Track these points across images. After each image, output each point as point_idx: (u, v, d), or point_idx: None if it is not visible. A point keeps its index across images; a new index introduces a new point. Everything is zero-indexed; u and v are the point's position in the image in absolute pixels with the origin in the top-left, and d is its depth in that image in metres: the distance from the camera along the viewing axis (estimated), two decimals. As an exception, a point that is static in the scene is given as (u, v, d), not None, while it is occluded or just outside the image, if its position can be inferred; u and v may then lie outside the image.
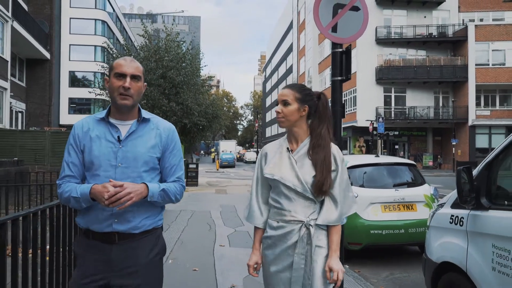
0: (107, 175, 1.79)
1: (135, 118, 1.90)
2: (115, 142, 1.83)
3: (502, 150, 2.76)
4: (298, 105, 1.99)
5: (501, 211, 2.64)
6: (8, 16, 15.13)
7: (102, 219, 1.80)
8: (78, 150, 1.85)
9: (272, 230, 1.99)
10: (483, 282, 2.69)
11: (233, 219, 8.40)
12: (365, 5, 3.78)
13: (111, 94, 1.85)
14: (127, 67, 1.83)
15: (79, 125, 1.90)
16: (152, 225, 1.89)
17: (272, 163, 2.01)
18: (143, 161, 1.85)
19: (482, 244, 2.73)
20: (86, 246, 1.85)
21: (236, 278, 4.28)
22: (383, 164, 5.76)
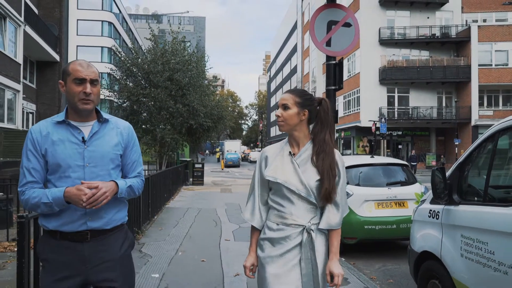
0: (76, 176, 1.82)
1: (94, 119, 1.93)
2: (80, 143, 1.85)
3: (471, 152, 3.18)
4: (297, 109, 2.02)
5: (469, 206, 3.05)
6: (20, 21, 15.67)
7: (75, 219, 1.82)
8: (38, 154, 1.84)
9: (271, 231, 2.00)
10: (453, 266, 3.11)
11: (237, 216, 8.84)
12: (356, 22, 4.20)
13: (71, 100, 1.86)
14: (86, 72, 1.85)
15: (36, 130, 1.87)
16: (120, 221, 1.95)
17: (274, 166, 2.03)
18: (109, 159, 1.90)
19: (453, 235, 3.15)
20: (54, 247, 1.84)
21: (241, 268, 4.72)
22: (378, 164, 6.17)
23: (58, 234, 1.83)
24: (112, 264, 1.87)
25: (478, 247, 2.84)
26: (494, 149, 2.91)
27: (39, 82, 21.54)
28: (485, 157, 3.04)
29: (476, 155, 3.15)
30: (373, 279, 4.70)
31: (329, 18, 4.13)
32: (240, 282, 4.24)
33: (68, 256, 1.82)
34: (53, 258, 1.83)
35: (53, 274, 1.81)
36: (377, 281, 4.67)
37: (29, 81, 20.35)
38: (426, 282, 3.56)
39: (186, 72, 15.35)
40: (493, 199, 2.91)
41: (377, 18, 32.63)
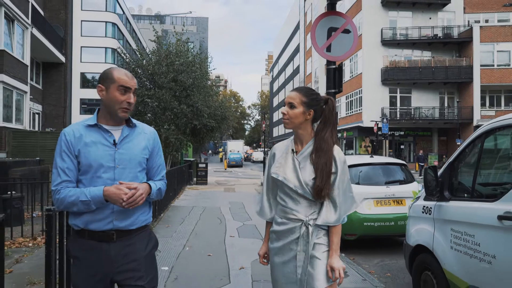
0: (107, 176, 1.90)
1: (123, 124, 2.01)
2: (111, 146, 1.93)
3: (460, 152, 3.41)
4: (303, 108, 2.05)
5: (458, 202, 3.29)
6: (28, 23, 15.97)
7: (102, 218, 1.89)
8: (72, 155, 1.91)
9: (277, 225, 2.11)
10: (444, 258, 3.34)
11: (241, 214, 9.08)
12: (355, 28, 4.43)
13: (111, 106, 1.93)
14: (131, 82, 1.95)
15: (70, 132, 1.94)
16: (144, 222, 2.02)
17: (278, 163, 2.11)
18: (137, 162, 1.98)
19: (444, 229, 3.38)
20: (82, 246, 1.92)
21: (245, 261, 4.98)
22: (377, 163, 6.40)
23: (86, 233, 1.91)
24: (137, 264, 1.94)
25: (466, 239, 3.07)
26: (481, 149, 3.14)
27: (45, 83, 21.85)
28: (473, 157, 3.27)
29: (465, 154, 3.38)
30: (371, 273, 4.93)
31: (329, 25, 4.36)
32: (244, 275, 4.49)
33: (95, 255, 1.89)
34: (82, 256, 1.91)
35: (83, 271, 1.90)
36: (375, 275, 4.90)
37: (35, 82, 20.67)
38: (420, 274, 3.79)
39: (190, 73, 15.59)
40: (480, 195, 3.14)
41: (379, 19, 32.79)
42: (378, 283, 4.32)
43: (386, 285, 4.50)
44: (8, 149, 13.44)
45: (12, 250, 5.53)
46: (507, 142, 3.07)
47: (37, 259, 5.01)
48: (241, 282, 4.22)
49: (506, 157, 3.17)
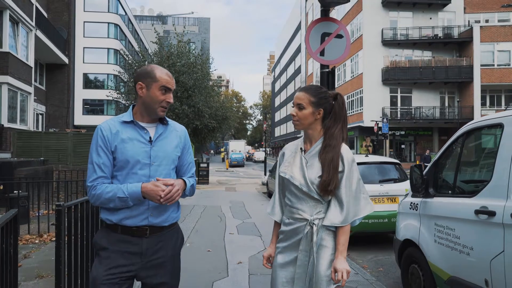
0: (143, 173, 1.91)
1: (157, 121, 2.03)
2: (147, 143, 1.94)
3: (443, 151, 3.61)
4: (312, 109, 2.02)
5: (441, 198, 3.49)
6: (32, 26, 16.22)
7: (137, 214, 1.90)
8: (108, 151, 1.91)
9: (284, 226, 2.08)
10: (428, 251, 3.54)
11: (241, 213, 9.29)
12: (347, 33, 4.63)
13: (151, 104, 1.95)
14: (172, 83, 1.97)
15: (106, 127, 1.94)
16: (175, 219, 2.05)
17: (287, 162, 2.10)
18: (171, 159, 2.01)
19: (428, 223, 3.58)
20: (114, 239, 1.92)
21: (243, 257, 5.20)
22: (372, 163, 6.61)
23: (119, 228, 1.90)
24: (164, 260, 1.96)
25: (447, 233, 3.27)
26: (462, 148, 3.35)
27: (48, 84, 22.13)
28: (455, 155, 3.48)
29: (448, 153, 3.58)
30: (364, 267, 5.13)
31: (322, 30, 4.57)
32: (242, 269, 4.70)
33: (127, 248, 1.89)
34: (112, 248, 1.90)
35: (107, 261, 1.88)
36: (368, 269, 5.11)
37: (39, 83, 20.94)
38: (408, 267, 4.00)
39: (191, 75, 15.81)
40: (461, 191, 3.34)
41: (380, 19, 32.93)
42: (370, 277, 4.52)
43: (378, 278, 4.70)
44: (13, 149, 13.70)
45: (20, 247, 5.74)
46: (484, 142, 3.27)
47: (43, 255, 5.23)
48: (238, 276, 4.43)
49: (483, 156, 3.37)
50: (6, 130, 13.56)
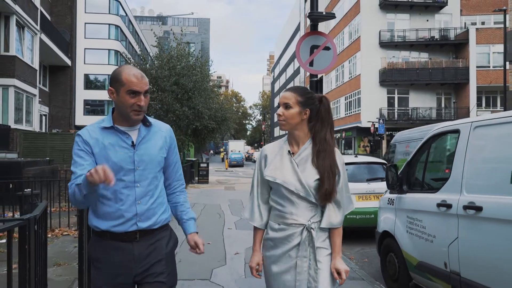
0: (128, 179, 1.87)
1: (139, 123, 1.95)
2: (129, 148, 1.89)
3: (415, 153, 4.10)
4: (299, 108, 1.99)
5: (412, 194, 3.98)
6: (37, 30, 16.71)
7: (126, 220, 1.87)
8: (90, 152, 1.88)
9: (273, 232, 2.01)
10: (402, 241, 4.03)
11: (239, 210, 9.78)
12: (334, 45, 5.12)
13: (123, 109, 1.87)
14: (140, 85, 1.85)
15: (86, 134, 1.90)
16: (166, 221, 2.01)
17: (273, 165, 2.02)
18: (157, 162, 1.96)
19: (402, 216, 4.07)
20: (105, 247, 1.89)
21: (240, 248, 5.70)
22: (360, 163, 7.10)
23: (108, 235, 1.88)
24: (159, 262, 1.93)
25: (416, 224, 3.76)
26: (429, 150, 3.84)
27: (51, 85, 22.61)
28: (424, 157, 3.97)
29: (419, 155, 4.07)
30: (351, 258, 5.62)
31: (312, 43, 5.05)
32: (239, 258, 5.21)
33: (119, 256, 1.87)
34: (105, 258, 1.88)
35: (105, 273, 1.88)
36: (354, 260, 5.59)
37: (42, 85, 21.42)
38: (386, 255, 4.48)
39: (191, 77, 16.29)
40: (427, 188, 3.83)
41: (378, 21, 33.36)
42: (354, 266, 5.01)
43: (362, 268, 5.19)
44: (19, 150, 14.19)
45: None
46: (446, 145, 3.76)
47: (58, 247, 5.71)
48: (235, 264, 4.94)
49: (445, 157, 3.85)
50: (13, 131, 14.04)
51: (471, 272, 2.99)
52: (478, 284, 2.91)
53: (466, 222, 3.04)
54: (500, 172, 2.78)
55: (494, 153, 2.94)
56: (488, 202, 2.82)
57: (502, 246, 2.68)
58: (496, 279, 2.74)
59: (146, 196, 1.91)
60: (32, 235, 2.30)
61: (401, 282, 4.11)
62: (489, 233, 2.82)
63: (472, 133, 3.15)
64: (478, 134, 3.09)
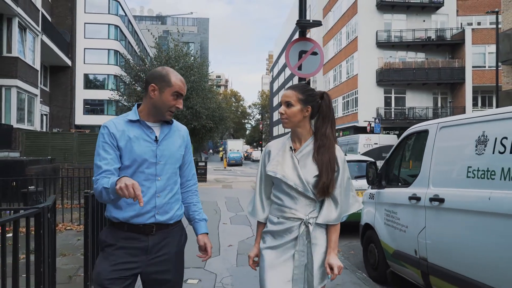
0: (149, 171, 1.93)
1: (161, 121, 2.03)
2: (153, 142, 1.95)
3: (392, 151, 4.45)
4: (301, 106, 2.03)
5: (389, 188, 4.33)
6: (38, 31, 17.05)
7: (145, 212, 1.91)
8: (115, 146, 1.92)
9: (272, 225, 2.06)
10: (380, 232, 4.39)
11: (235, 207, 10.13)
12: (321, 51, 5.46)
13: (161, 107, 1.94)
14: (184, 89, 1.99)
15: (112, 126, 1.95)
16: (180, 217, 2.07)
17: (275, 161, 2.06)
18: (176, 158, 2.04)
19: (381, 209, 4.42)
20: (120, 237, 1.93)
21: (233, 241, 6.06)
22: (350, 161, 7.44)
23: (125, 226, 1.92)
24: (169, 257, 1.97)
25: (392, 216, 4.11)
26: (403, 149, 4.20)
27: (52, 85, 22.94)
28: (399, 155, 4.32)
29: (395, 153, 4.42)
30: (338, 251, 5.97)
31: (300, 48, 5.39)
32: (231, 250, 5.57)
33: (133, 244, 1.91)
34: (118, 245, 1.91)
35: (114, 259, 1.89)
36: (341, 252, 5.95)
37: (43, 85, 21.74)
38: (367, 246, 4.84)
39: (189, 77, 16.63)
40: (402, 183, 4.18)
41: (375, 22, 33.66)
42: (340, 257, 5.36)
43: (348, 259, 5.55)
44: (22, 149, 14.52)
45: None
46: (418, 144, 4.11)
47: (61, 240, 6.05)
48: (228, 255, 5.29)
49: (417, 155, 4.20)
50: (15, 131, 14.38)
51: (436, 257, 3.35)
52: (442, 268, 3.26)
53: (431, 212, 3.39)
54: (459, 168, 3.13)
55: (454, 150, 3.29)
56: (449, 195, 3.18)
57: (461, 233, 3.04)
58: (456, 263, 3.09)
59: (165, 190, 1.97)
60: (46, 222, 2.65)
61: (379, 270, 4.47)
62: (450, 222, 3.17)
63: (438, 133, 3.50)
64: (443, 134, 3.44)
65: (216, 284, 4.17)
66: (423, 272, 3.52)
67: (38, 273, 2.57)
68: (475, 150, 2.95)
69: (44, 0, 19.83)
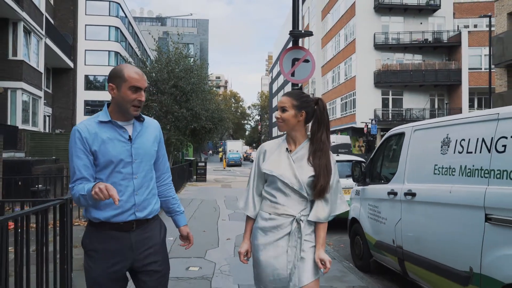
0: (126, 171, 1.96)
1: (133, 118, 2.03)
2: (126, 141, 1.97)
3: (375, 151, 4.89)
4: (295, 111, 2.13)
5: (373, 185, 4.77)
6: (42, 34, 17.48)
7: (125, 210, 1.95)
8: (88, 152, 1.92)
9: (264, 221, 2.14)
10: (364, 225, 4.82)
11: (234, 204, 10.57)
12: (313, 58, 5.90)
13: (123, 104, 1.95)
14: (142, 81, 1.96)
15: (84, 129, 1.94)
16: (157, 211, 2.13)
17: (271, 160, 2.17)
18: (151, 155, 2.07)
19: (365, 204, 4.85)
20: (102, 238, 1.95)
21: (231, 235, 6.50)
22: (341, 161, 7.89)
23: (107, 225, 1.94)
24: (155, 249, 2.04)
25: (374, 210, 4.55)
26: (384, 149, 4.63)
27: (54, 87, 23.34)
28: (381, 154, 4.76)
29: (378, 153, 4.86)
30: (329, 244, 6.40)
31: (293, 56, 5.82)
32: (229, 243, 6.02)
33: (117, 244, 1.95)
34: (102, 248, 1.94)
35: (101, 262, 1.94)
36: (332, 245, 6.39)
37: (46, 87, 22.16)
38: (354, 238, 5.28)
39: (189, 79, 17.04)
40: (383, 180, 4.62)
41: (372, 24, 34.04)
42: (329, 249, 5.79)
43: (338, 251, 5.97)
44: (27, 149, 14.94)
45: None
46: (396, 145, 4.54)
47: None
48: (226, 247, 5.74)
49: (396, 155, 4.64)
50: (21, 132, 14.80)
51: (410, 245, 3.78)
52: (414, 254, 3.69)
53: (406, 205, 3.82)
54: (428, 166, 3.56)
55: (425, 151, 3.72)
56: (419, 189, 3.61)
57: (428, 223, 3.47)
58: (425, 248, 3.52)
59: (143, 187, 2.01)
60: (69, 211, 3.08)
61: (364, 260, 4.91)
62: (420, 213, 3.60)
63: (412, 135, 3.94)
64: (416, 136, 3.88)
65: (215, 271, 4.61)
66: (400, 259, 3.96)
67: (62, 255, 3.00)
68: (441, 150, 3.38)
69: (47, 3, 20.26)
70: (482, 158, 2.86)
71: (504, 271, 2.56)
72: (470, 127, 3.11)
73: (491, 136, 2.81)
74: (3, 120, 14.87)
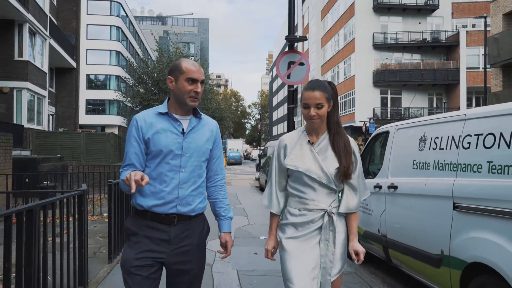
0: (174, 163, 1.98)
1: (191, 114, 2.07)
2: (179, 134, 2.00)
3: (364, 148, 5.27)
4: (327, 104, 2.09)
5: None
6: (47, 35, 17.87)
7: (167, 202, 1.96)
8: (140, 140, 1.99)
9: (294, 217, 2.11)
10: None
11: (233, 201, 10.96)
12: (308, 61, 6.27)
13: (180, 95, 2.00)
14: (198, 73, 2.01)
15: (141, 118, 2.02)
16: (202, 209, 2.09)
17: (293, 154, 2.11)
18: (202, 152, 2.06)
19: (354, 198, 5.23)
20: (143, 226, 1.98)
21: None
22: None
23: (148, 214, 1.97)
24: (191, 248, 2.01)
25: (363, 203, 4.92)
26: (371, 146, 5.01)
27: (58, 87, 23.72)
28: (369, 151, 5.14)
29: (367, 150, 5.24)
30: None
31: (289, 60, 6.20)
32: (229, 235, 6.39)
33: (155, 234, 1.97)
34: (142, 233, 1.97)
35: (139, 246, 1.96)
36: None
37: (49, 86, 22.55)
38: (345, 230, 5.65)
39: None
40: (371, 175, 5.00)
41: (371, 24, 34.32)
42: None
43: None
44: (32, 147, 15.34)
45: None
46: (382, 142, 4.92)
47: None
48: (226, 238, 6.12)
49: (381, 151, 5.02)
50: (26, 130, 15.20)
51: (393, 233, 4.16)
52: (396, 241, 4.07)
53: (389, 197, 4.20)
54: (408, 161, 3.94)
55: (405, 147, 4.10)
56: (400, 182, 3.99)
57: (407, 212, 3.85)
58: (405, 236, 3.90)
59: (189, 182, 2.01)
60: (85, 201, 3.47)
61: (354, 249, 5.27)
62: (401, 204, 3.98)
63: (395, 134, 4.32)
64: (399, 134, 4.26)
65: (215, 259, 5.00)
66: (384, 247, 4.34)
67: (80, 240, 3.39)
68: (418, 147, 3.76)
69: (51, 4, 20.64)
70: (452, 154, 3.24)
71: (468, 252, 2.94)
72: (443, 126, 3.49)
73: (459, 135, 3.18)
74: (9, 119, 15.28)
